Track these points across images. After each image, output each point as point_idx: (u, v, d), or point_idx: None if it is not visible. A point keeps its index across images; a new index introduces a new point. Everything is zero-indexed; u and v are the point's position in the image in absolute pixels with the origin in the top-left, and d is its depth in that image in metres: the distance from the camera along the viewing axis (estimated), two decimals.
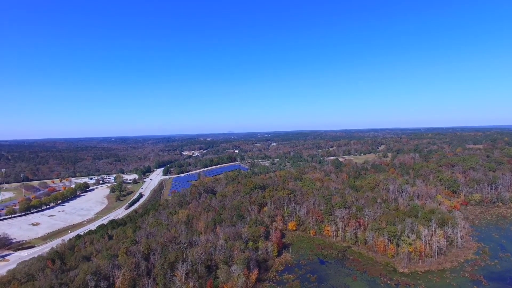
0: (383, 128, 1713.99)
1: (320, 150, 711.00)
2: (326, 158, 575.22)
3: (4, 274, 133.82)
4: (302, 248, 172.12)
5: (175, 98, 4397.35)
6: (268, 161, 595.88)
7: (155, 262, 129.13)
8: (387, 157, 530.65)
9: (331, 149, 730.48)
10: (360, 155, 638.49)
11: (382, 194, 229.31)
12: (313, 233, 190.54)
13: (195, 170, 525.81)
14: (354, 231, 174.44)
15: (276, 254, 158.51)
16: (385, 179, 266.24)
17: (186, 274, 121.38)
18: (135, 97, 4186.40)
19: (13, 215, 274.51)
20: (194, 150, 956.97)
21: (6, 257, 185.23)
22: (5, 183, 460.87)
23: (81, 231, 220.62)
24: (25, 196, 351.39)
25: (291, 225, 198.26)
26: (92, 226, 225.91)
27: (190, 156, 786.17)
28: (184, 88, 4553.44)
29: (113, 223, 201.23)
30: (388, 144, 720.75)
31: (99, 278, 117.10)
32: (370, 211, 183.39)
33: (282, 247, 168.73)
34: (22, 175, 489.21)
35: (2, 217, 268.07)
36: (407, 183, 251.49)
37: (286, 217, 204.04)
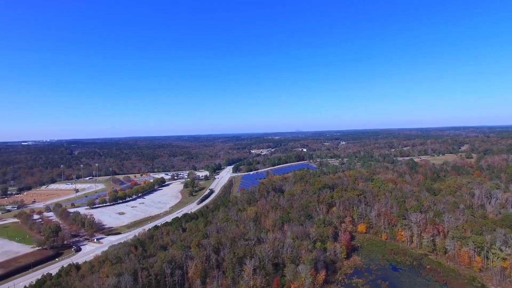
0: (466, 126, 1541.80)
1: (393, 150, 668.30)
2: (399, 158, 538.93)
3: (100, 254, 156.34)
4: (372, 252, 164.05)
5: (244, 97, 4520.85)
6: (337, 161, 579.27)
7: (224, 256, 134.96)
8: (472, 158, 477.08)
9: (405, 148, 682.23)
10: (438, 155, 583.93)
11: (465, 199, 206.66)
12: (385, 237, 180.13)
13: (263, 168, 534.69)
14: (431, 238, 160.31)
15: (345, 256, 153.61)
16: (469, 182, 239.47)
17: (254, 270, 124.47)
18: (207, 96, 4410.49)
19: (104, 204, 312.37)
20: (263, 148, 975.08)
21: (101, 240, 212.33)
22: (98, 176, 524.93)
23: (158, 222, 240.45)
24: (113, 188, 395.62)
25: (361, 227, 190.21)
26: (168, 218, 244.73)
27: (258, 155, 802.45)
28: (253, 87, 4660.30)
29: (187, 217, 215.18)
30: (472, 144, 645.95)
31: (174, 267, 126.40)
32: (450, 217, 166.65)
33: (351, 250, 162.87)
34: (110, 169, 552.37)
35: (96, 206, 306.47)
36: (497, 188, 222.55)
37: (355, 219, 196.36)
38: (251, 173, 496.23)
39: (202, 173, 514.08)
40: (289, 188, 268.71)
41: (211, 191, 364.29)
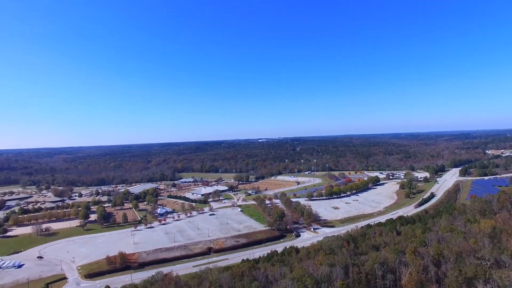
0: None
1: None
2: None
3: (315, 243, 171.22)
4: None
5: (474, 84, 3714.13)
6: None
7: (446, 271, 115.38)
8: None
9: None
10: None
11: None
12: None
13: (504, 173, 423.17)
14: None
15: None
16: None
17: None
18: (425, 89, 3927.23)
19: (320, 198, 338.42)
20: (504, 148, 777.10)
21: (317, 230, 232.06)
22: (316, 171, 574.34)
23: (371, 221, 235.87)
24: (329, 183, 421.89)
25: None
26: (381, 219, 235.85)
27: (497, 156, 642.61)
28: (487, 70, 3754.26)
29: (402, 220, 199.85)
30: None
31: (386, 270, 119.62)
32: None
33: None
34: (327, 165, 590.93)
35: (314, 198, 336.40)
36: None
37: None
38: (485, 178, 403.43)
39: (420, 174, 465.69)
40: None
41: (432, 195, 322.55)
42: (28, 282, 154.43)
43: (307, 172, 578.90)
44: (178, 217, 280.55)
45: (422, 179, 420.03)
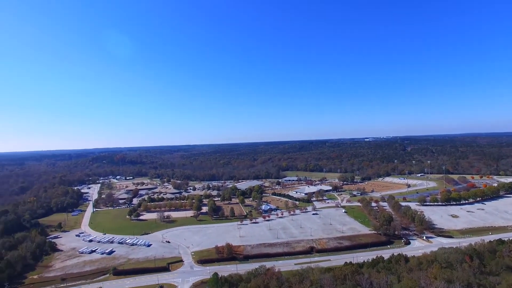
0: None
1: None
2: None
3: (428, 253, 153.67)
4: None
5: None
6: None
7: None
8: None
9: None
10: None
11: None
12: None
13: None
14: None
15: None
16: None
17: None
18: None
19: (435, 203, 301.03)
20: None
21: (430, 239, 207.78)
22: (430, 173, 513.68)
23: (503, 236, 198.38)
24: (445, 187, 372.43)
25: None
26: None
27: None
28: None
29: None
30: None
31: None
32: None
33: None
34: (443, 167, 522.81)
35: (426, 203, 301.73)
36: None
37: None
38: None
39: None
40: None
41: None
42: (155, 260, 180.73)
43: (419, 175, 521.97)
44: (282, 214, 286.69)
45: None
